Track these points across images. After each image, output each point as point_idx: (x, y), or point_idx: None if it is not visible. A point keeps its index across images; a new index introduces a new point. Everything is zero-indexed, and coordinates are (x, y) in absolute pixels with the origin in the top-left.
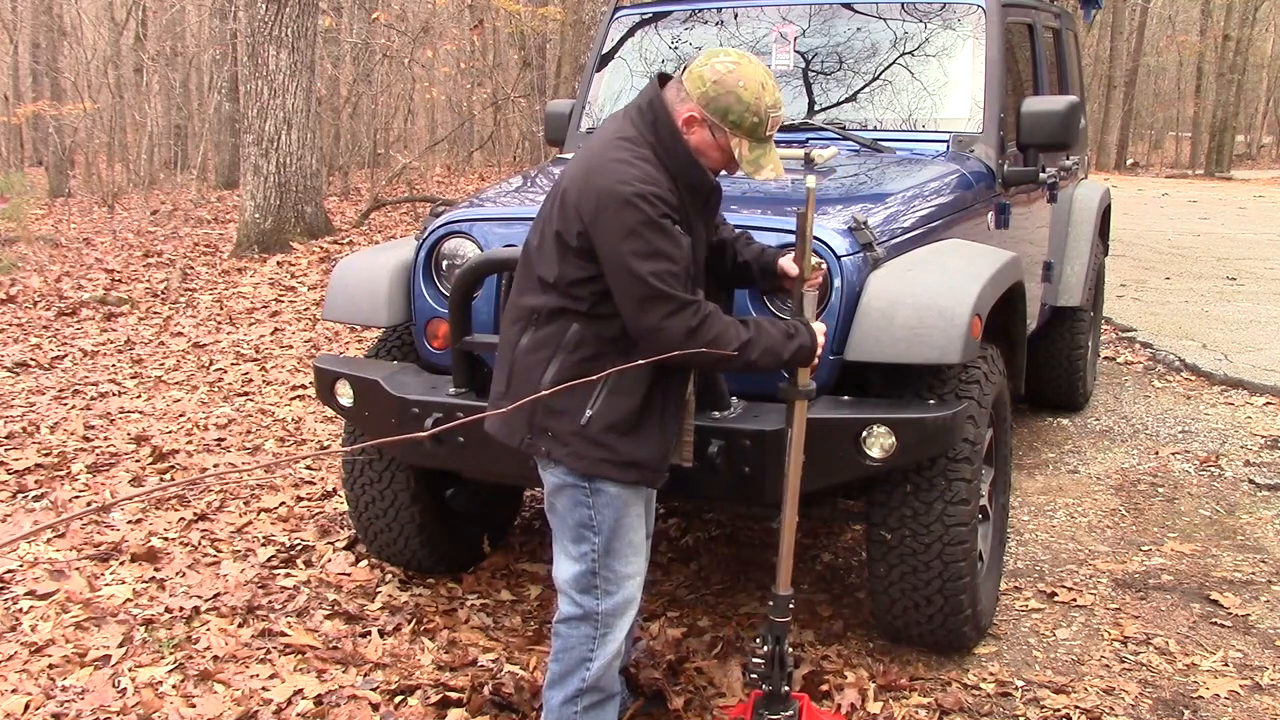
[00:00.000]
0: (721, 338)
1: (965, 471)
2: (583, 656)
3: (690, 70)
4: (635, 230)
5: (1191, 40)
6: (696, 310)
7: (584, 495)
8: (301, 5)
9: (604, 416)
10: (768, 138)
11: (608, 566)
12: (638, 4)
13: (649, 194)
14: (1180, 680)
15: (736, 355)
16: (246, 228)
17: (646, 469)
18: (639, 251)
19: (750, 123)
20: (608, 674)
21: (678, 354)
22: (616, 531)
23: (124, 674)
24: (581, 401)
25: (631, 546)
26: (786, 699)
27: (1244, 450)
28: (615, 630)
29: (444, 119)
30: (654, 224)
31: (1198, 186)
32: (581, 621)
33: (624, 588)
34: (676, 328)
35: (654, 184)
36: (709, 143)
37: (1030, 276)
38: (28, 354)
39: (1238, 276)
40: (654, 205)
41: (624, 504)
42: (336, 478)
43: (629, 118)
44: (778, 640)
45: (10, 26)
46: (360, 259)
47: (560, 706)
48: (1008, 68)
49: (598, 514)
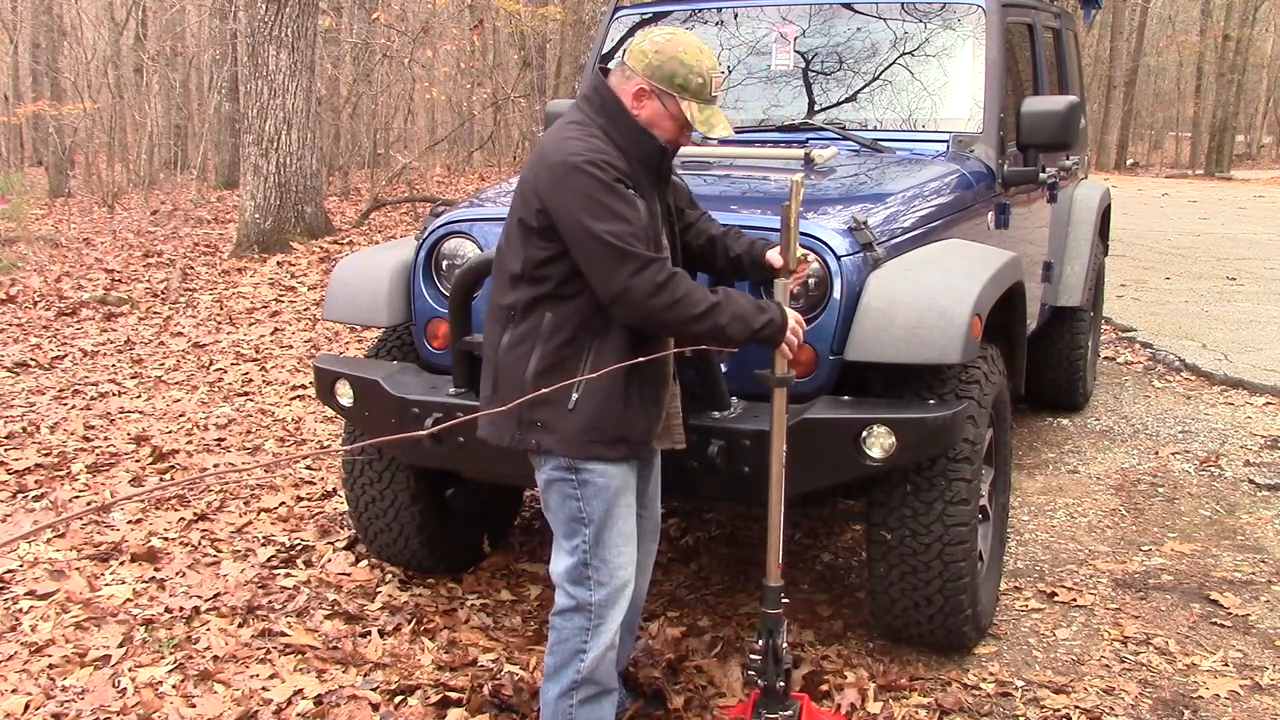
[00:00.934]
0: (690, 297)
1: (965, 471)
2: (577, 648)
3: (630, 50)
4: (589, 195)
5: (1191, 40)
6: (662, 266)
7: (572, 488)
8: (301, 5)
9: (589, 397)
10: (713, 98)
11: (599, 557)
12: (638, 4)
13: (599, 160)
14: (1180, 680)
15: (706, 316)
16: (246, 228)
17: (634, 442)
18: (596, 214)
19: (696, 84)
20: (602, 666)
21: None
22: (606, 521)
23: (124, 674)
24: (567, 387)
25: (622, 536)
26: (785, 697)
27: (1244, 450)
28: (609, 621)
29: (444, 119)
30: (607, 187)
31: (1198, 186)
32: (575, 613)
33: (616, 577)
34: (643, 284)
35: (603, 154)
36: (660, 113)
37: (1030, 276)
38: (28, 354)
39: (1238, 276)
40: (604, 170)
41: (613, 494)
42: (336, 478)
43: (576, 106)
44: (771, 633)
45: (10, 26)
46: (360, 259)
47: (556, 700)
48: (1008, 68)
49: (586, 505)
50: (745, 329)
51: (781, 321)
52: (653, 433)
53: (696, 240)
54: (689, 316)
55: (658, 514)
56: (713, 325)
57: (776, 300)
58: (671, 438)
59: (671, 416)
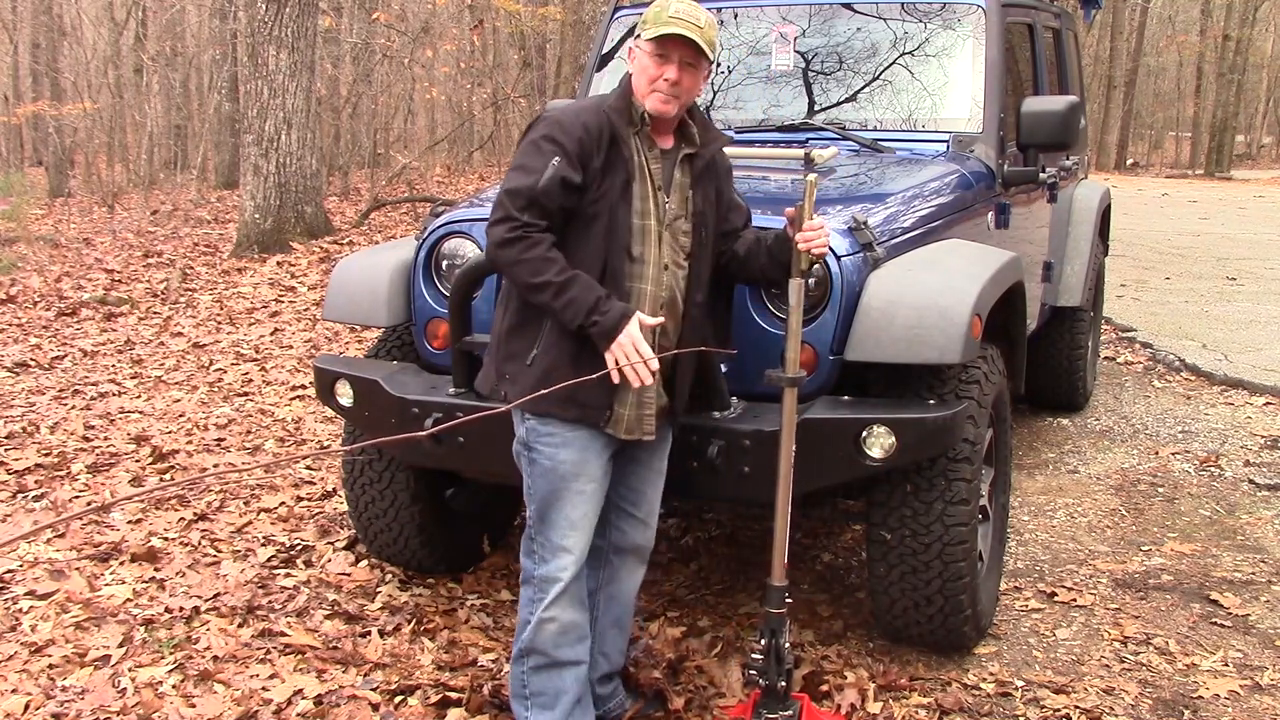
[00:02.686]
0: (530, 265)
1: (965, 471)
2: (525, 617)
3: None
4: (522, 145)
5: (1191, 40)
6: (519, 228)
7: (526, 464)
8: (301, 5)
9: (545, 353)
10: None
11: (542, 534)
12: (638, 4)
13: (552, 119)
14: (1180, 680)
15: (540, 288)
16: (246, 228)
17: (588, 407)
18: (514, 163)
19: (652, 14)
20: (543, 637)
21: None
22: (550, 502)
23: (124, 674)
24: (529, 344)
25: (568, 521)
26: (785, 697)
27: (1244, 450)
28: (550, 597)
29: (444, 119)
30: (534, 143)
31: (1198, 186)
32: (526, 584)
33: (558, 558)
34: (496, 235)
35: (568, 117)
36: (640, 59)
37: (1030, 276)
38: (28, 354)
39: (1238, 276)
40: (548, 128)
41: (559, 476)
42: (336, 478)
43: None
44: (773, 633)
45: (10, 26)
46: (360, 259)
47: (513, 664)
48: (1008, 68)
49: (533, 482)
50: (575, 317)
51: (614, 328)
52: (608, 405)
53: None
54: (526, 283)
55: (651, 514)
56: (546, 300)
57: (792, 303)
58: (641, 428)
59: (645, 406)
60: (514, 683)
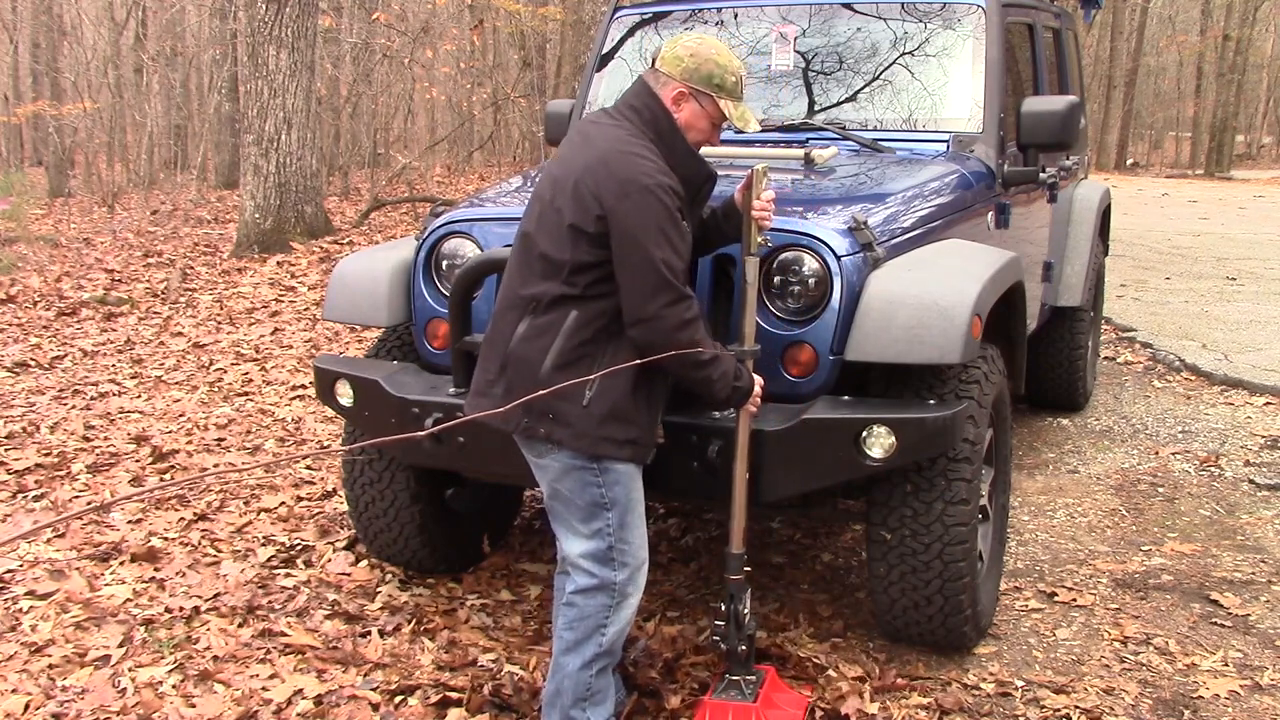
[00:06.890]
0: (701, 343)
1: (965, 471)
2: (599, 624)
3: (662, 57)
4: (657, 220)
5: (1191, 40)
6: (691, 304)
7: (593, 475)
8: (301, 5)
9: (603, 395)
10: (743, 95)
11: (623, 539)
12: (638, 4)
13: (668, 187)
14: (1180, 680)
15: (706, 364)
16: (246, 228)
17: (640, 445)
18: (657, 241)
19: (731, 82)
20: (620, 639)
21: (661, 357)
22: (628, 506)
23: (124, 674)
24: (581, 384)
25: (639, 518)
26: (747, 661)
27: (1244, 450)
28: (631, 597)
29: (444, 119)
30: (672, 217)
31: (1198, 186)
32: (599, 591)
33: (637, 557)
34: (673, 317)
35: (669, 177)
36: (698, 113)
37: (1030, 276)
38: (28, 354)
39: (1238, 276)
40: (672, 198)
41: (630, 479)
42: (336, 478)
43: (624, 115)
44: (733, 598)
45: (10, 26)
46: (360, 259)
47: (578, 672)
48: (1008, 68)
49: (609, 491)
50: (725, 388)
51: (748, 388)
52: (654, 436)
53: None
54: (694, 360)
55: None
56: (706, 375)
57: (748, 279)
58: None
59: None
60: (576, 688)
